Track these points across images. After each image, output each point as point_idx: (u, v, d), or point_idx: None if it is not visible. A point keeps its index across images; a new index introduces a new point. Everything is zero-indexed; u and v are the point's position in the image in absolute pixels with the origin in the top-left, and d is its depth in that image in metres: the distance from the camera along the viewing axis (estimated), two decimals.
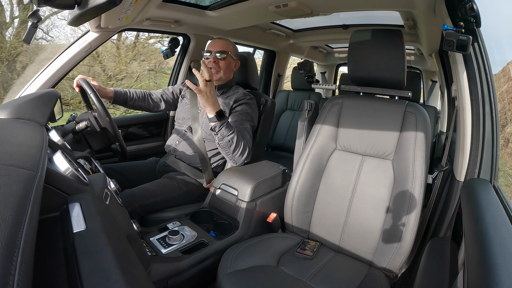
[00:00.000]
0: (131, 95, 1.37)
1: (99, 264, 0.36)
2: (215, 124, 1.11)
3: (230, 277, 0.84)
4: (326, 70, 3.69)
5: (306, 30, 2.40)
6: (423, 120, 0.97)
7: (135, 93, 1.38)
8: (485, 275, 0.44)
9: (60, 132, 1.16)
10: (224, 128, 1.12)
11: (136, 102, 1.38)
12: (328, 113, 1.12)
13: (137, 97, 1.38)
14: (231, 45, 1.33)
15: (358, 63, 1.07)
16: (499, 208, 0.67)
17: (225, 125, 1.12)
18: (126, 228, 0.71)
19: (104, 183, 0.68)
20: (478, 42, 0.89)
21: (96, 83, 1.22)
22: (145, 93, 1.42)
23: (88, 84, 1.08)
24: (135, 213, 1.11)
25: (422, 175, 0.91)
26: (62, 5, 0.65)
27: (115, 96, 1.30)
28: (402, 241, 0.89)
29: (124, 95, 1.34)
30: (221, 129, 1.11)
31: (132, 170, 1.36)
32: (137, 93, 1.39)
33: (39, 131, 0.62)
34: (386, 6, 1.35)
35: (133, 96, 1.37)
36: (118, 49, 5.03)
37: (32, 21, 1.01)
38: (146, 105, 1.42)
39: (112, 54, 5.03)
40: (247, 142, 1.21)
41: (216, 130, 1.12)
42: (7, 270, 0.23)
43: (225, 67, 1.30)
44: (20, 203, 0.31)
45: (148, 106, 1.42)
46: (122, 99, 1.34)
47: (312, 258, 0.97)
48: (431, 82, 3.29)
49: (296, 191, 1.09)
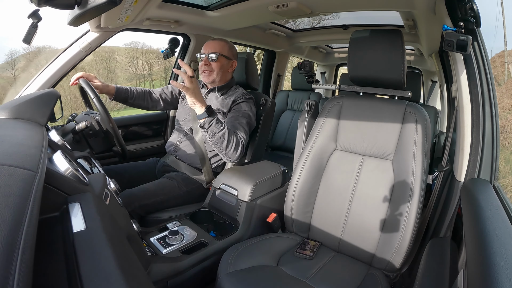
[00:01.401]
0: (132, 94, 1.36)
1: (99, 264, 0.36)
2: (204, 120, 1.10)
3: (230, 277, 0.84)
4: (326, 70, 3.69)
5: (306, 30, 2.41)
6: (423, 120, 0.97)
7: (135, 91, 1.38)
8: (485, 275, 0.44)
9: (60, 132, 1.16)
10: (214, 125, 1.10)
11: (136, 100, 1.38)
12: (328, 113, 1.12)
13: (137, 95, 1.38)
14: (225, 46, 1.31)
15: (358, 63, 1.07)
16: (499, 208, 0.67)
17: (215, 121, 1.10)
18: (126, 228, 0.71)
19: (104, 183, 0.68)
20: (478, 42, 0.89)
21: (99, 81, 1.22)
22: (146, 92, 1.41)
23: (90, 85, 1.06)
24: (135, 213, 1.11)
25: (422, 175, 0.91)
26: (62, 5, 0.65)
27: (117, 93, 1.30)
28: (402, 241, 0.89)
29: (125, 93, 1.33)
30: (210, 125, 1.10)
31: (132, 170, 1.36)
32: (137, 91, 1.39)
33: (39, 131, 0.62)
34: (386, 6, 1.35)
35: (133, 95, 1.36)
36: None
37: (32, 21, 1.02)
38: (145, 104, 1.41)
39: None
40: (241, 137, 1.19)
41: (206, 127, 1.10)
42: (7, 270, 0.23)
43: (218, 68, 1.29)
44: (20, 203, 0.31)
45: (147, 105, 1.42)
46: (123, 97, 1.33)
47: (312, 258, 0.97)
48: (431, 82, 3.29)
49: (296, 191, 1.09)
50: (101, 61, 12.30)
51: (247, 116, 1.27)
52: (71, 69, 1.33)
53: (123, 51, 12.66)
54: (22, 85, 1.26)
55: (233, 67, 1.36)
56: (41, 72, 1.27)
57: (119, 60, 12.45)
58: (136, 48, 12.75)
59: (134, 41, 12.89)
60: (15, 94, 1.24)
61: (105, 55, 12.28)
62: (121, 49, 12.69)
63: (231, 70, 1.36)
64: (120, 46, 12.86)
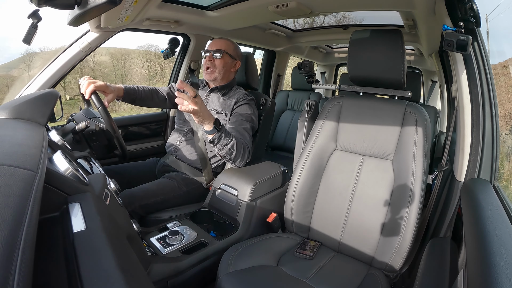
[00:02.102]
0: (140, 94, 1.32)
1: (99, 264, 0.36)
2: (214, 136, 1.07)
3: (230, 277, 0.84)
4: (326, 70, 3.70)
5: (306, 30, 2.41)
6: (423, 120, 0.97)
7: (143, 91, 1.33)
8: (485, 275, 0.44)
9: (60, 132, 1.16)
10: (223, 138, 1.08)
11: (143, 101, 1.34)
12: (328, 113, 1.12)
13: (145, 95, 1.34)
14: (231, 45, 1.32)
15: (358, 63, 1.07)
16: (499, 208, 0.67)
17: (224, 135, 1.08)
18: (126, 228, 0.71)
19: (104, 183, 0.68)
20: (478, 42, 0.89)
21: (110, 91, 1.13)
22: (152, 91, 1.38)
23: (100, 101, 1.03)
24: (135, 213, 1.11)
25: (422, 175, 0.91)
26: (62, 5, 0.65)
27: (125, 95, 1.25)
28: (402, 241, 0.89)
29: (133, 94, 1.29)
30: (220, 139, 1.08)
31: (132, 170, 1.36)
32: (145, 90, 1.34)
33: (39, 131, 0.62)
34: (386, 6, 1.35)
35: (141, 95, 1.32)
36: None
37: (32, 21, 1.02)
38: (152, 103, 1.39)
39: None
40: (247, 143, 1.20)
41: (216, 141, 1.08)
42: (7, 270, 0.23)
43: (221, 66, 1.28)
44: (20, 203, 0.31)
45: (153, 104, 1.40)
46: (131, 98, 1.29)
47: (312, 258, 0.97)
48: (431, 82, 3.29)
49: (296, 191, 1.09)
50: (117, 63, 12.85)
51: (250, 120, 1.27)
52: (71, 69, 1.33)
53: (137, 53, 13.21)
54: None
55: (236, 67, 1.35)
56: (41, 72, 1.27)
57: (133, 62, 12.98)
58: (150, 50, 13.12)
59: (148, 44, 13.32)
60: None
61: (121, 56, 12.80)
62: (135, 51, 13.26)
63: (234, 70, 1.36)
64: (135, 49, 13.49)
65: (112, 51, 12.41)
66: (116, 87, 1.18)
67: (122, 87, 1.22)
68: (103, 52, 12.11)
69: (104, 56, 12.36)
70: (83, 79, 1.06)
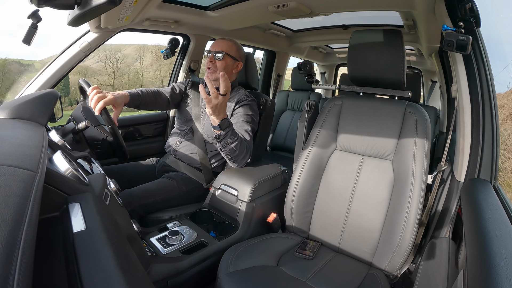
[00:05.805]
0: (144, 100, 1.29)
1: (99, 264, 0.36)
2: (220, 133, 1.06)
3: (230, 277, 0.84)
4: (326, 70, 3.70)
5: (306, 30, 2.41)
6: (423, 120, 0.97)
7: (147, 95, 1.30)
8: (485, 275, 0.44)
9: (60, 132, 1.16)
10: (228, 136, 1.08)
11: (147, 106, 1.32)
12: (328, 114, 1.12)
13: (149, 100, 1.31)
14: (233, 46, 1.30)
15: (358, 63, 1.07)
16: (499, 208, 0.67)
17: (230, 133, 1.07)
18: (126, 228, 0.71)
19: (104, 183, 0.68)
20: (478, 42, 0.89)
21: (118, 108, 1.09)
22: (155, 94, 1.35)
23: (110, 119, 1.02)
24: (135, 213, 1.11)
25: (422, 175, 0.91)
26: (62, 6, 0.65)
27: (130, 101, 1.21)
28: (402, 241, 0.89)
29: (138, 100, 1.26)
30: (225, 137, 1.07)
31: (132, 170, 1.35)
32: (148, 94, 1.31)
33: (39, 131, 0.62)
34: (386, 6, 1.35)
35: (145, 100, 1.29)
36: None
37: (32, 22, 1.02)
38: (155, 107, 1.38)
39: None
40: (249, 144, 1.20)
41: (221, 138, 1.07)
42: (7, 270, 0.23)
43: (222, 68, 1.27)
44: (20, 203, 0.31)
45: (157, 108, 1.39)
46: (136, 104, 1.26)
47: (312, 258, 0.97)
48: (431, 82, 3.29)
49: (296, 191, 1.09)
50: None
51: (251, 121, 1.27)
52: (71, 69, 1.33)
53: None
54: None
55: (238, 68, 1.34)
56: (41, 72, 1.27)
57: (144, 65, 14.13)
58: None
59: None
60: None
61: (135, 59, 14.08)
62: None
63: (236, 71, 1.35)
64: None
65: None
66: (122, 96, 1.15)
67: (127, 94, 1.20)
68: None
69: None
70: (91, 90, 1.03)
